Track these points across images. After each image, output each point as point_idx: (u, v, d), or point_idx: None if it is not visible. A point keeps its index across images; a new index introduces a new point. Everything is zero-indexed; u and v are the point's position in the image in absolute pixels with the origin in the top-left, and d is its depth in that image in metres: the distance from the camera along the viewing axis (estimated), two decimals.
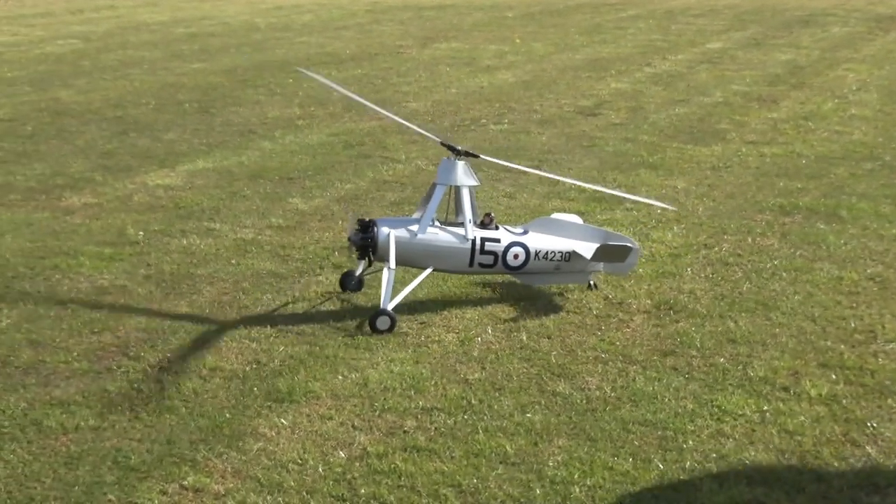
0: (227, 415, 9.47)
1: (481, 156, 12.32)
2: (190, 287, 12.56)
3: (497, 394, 9.90)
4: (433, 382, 10.12)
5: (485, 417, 9.44)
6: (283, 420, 9.37)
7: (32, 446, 8.91)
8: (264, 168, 18.19)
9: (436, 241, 11.65)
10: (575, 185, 14.58)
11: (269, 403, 9.69)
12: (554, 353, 10.80)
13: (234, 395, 9.86)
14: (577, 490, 8.28)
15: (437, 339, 11.16)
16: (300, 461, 8.70)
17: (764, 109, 23.49)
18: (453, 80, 27.16)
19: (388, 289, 11.23)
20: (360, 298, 12.17)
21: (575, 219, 12.87)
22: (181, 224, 14.90)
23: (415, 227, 11.60)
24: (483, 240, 11.73)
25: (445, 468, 8.59)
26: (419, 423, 9.36)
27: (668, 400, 9.78)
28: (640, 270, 13.03)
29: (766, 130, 21.35)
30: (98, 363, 10.53)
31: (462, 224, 11.71)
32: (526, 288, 12.46)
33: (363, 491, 8.26)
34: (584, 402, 9.74)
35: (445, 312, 11.85)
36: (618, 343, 11.05)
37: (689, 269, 13.19)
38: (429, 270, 11.79)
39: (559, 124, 21.86)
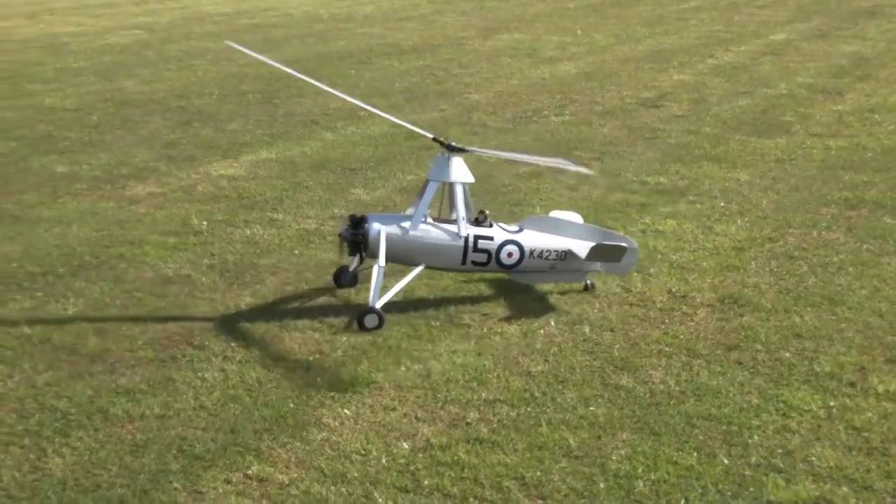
0: (291, 404, 9.50)
1: (470, 149, 12.05)
2: (253, 277, 12.61)
3: (560, 386, 9.86)
4: (496, 374, 10.10)
5: (548, 410, 9.42)
6: (346, 410, 9.39)
7: (99, 434, 8.99)
8: (327, 159, 18.22)
9: (427, 238, 11.47)
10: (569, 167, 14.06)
11: (332, 394, 9.71)
12: (617, 346, 10.74)
13: (297, 384, 9.89)
14: (641, 484, 8.23)
15: (499, 330, 11.13)
16: (363, 452, 8.72)
17: (829, 101, 23.19)
18: (515, 72, 27.04)
19: (378, 286, 11.09)
20: (422, 290, 12.14)
21: (575, 217, 12.67)
22: (244, 214, 14.96)
23: (406, 224, 11.43)
24: (476, 237, 11.53)
25: (508, 460, 8.57)
26: (482, 414, 9.34)
27: (733, 395, 9.70)
28: (704, 264, 12.94)
29: (830, 123, 21.08)
30: (163, 352, 10.60)
31: (455, 221, 11.56)
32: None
33: (426, 482, 8.26)
34: (648, 395, 9.68)
35: (507, 304, 11.82)
36: (681, 337, 10.97)
37: (753, 263, 13.06)
38: (420, 268, 11.60)
39: (621, 116, 21.72)
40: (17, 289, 12.18)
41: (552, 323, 11.32)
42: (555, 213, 12.78)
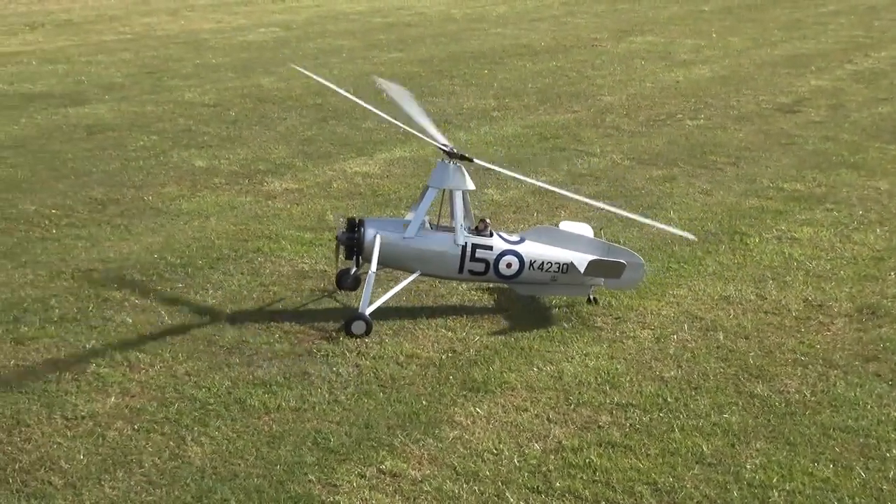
0: (424, 402, 9.57)
1: (475, 160, 11.66)
2: (387, 274, 12.67)
3: (693, 393, 9.78)
4: (628, 378, 10.05)
5: (681, 416, 9.34)
6: (478, 409, 9.42)
7: (237, 424, 9.15)
8: None
9: (424, 245, 11.29)
10: (575, 198, 13.26)
11: (464, 392, 9.76)
12: (752, 353, 10.61)
13: (430, 382, 9.96)
14: (776, 494, 8.13)
15: (631, 334, 11.08)
16: (495, 451, 8.74)
17: None
18: (648, 74, 26.86)
19: (368, 292, 10.95)
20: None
21: (585, 229, 12.26)
22: (379, 211, 15.06)
23: (403, 230, 11.27)
24: (475, 246, 11.29)
25: (641, 465, 8.53)
26: (614, 418, 9.30)
27: (871, 407, 9.52)
28: (841, 273, 12.72)
29: None
30: (299, 345, 10.73)
31: (452, 229, 11.34)
32: (724, 287, 12.29)
33: (558, 484, 8.26)
34: (783, 405, 9.55)
35: (641, 308, 11.75)
36: (818, 346, 10.79)
37: (892, 274, 12.80)
38: (416, 274, 11.44)
39: (757, 121, 21.44)
40: (158, 279, 12.45)
41: (685, 328, 11.22)
42: (564, 224, 12.41)
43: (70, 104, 22.59)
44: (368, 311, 10.94)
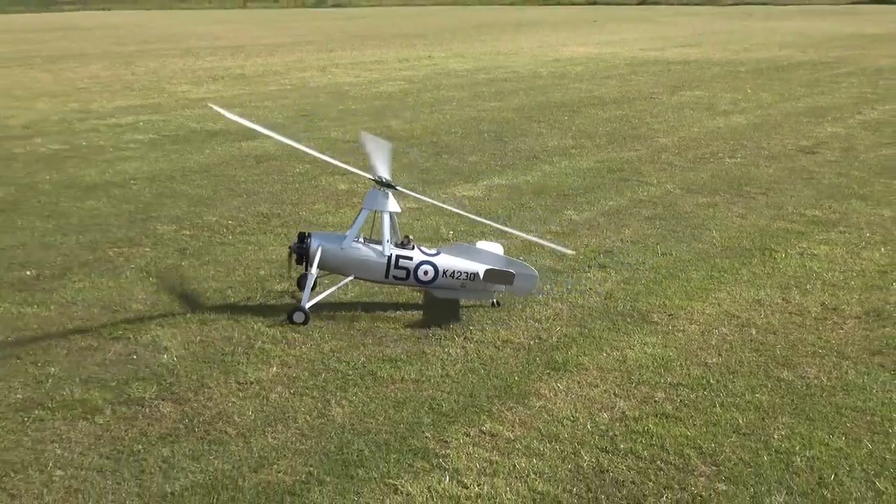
0: (516, 377, 9.52)
1: (399, 187, 11.44)
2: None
3: (731, 376, 9.59)
4: (678, 363, 9.90)
5: (721, 394, 9.17)
6: (558, 385, 9.36)
7: (369, 391, 9.20)
8: (545, 186, 18.20)
9: (357, 255, 11.15)
10: (474, 219, 13.10)
11: (548, 371, 9.69)
12: (778, 346, 10.38)
13: (520, 362, 9.91)
14: (799, 460, 7.94)
15: (681, 328, 10.91)
16: (572, 418, 8.67)
17: None
18: (695, 121, 26.51)
19: (308, 290, 10.95)
20: (619, 293, 12.01)
21: (496, 247, 11.99)
22: (481, 227, 15.02)
23: (341, 242, 11.16)
24: (398, 257, 11.17)
25: (688, 433, 8.40)
26: (667, 395, 9.17)
27: (876, 391, 9.25)
28: (852, 283, 12.42)
29: None
30: (418, 331, 10.76)
31: (380, 242, 11.22)
32: (756, 292, 12.08)
33: (622, 446, 8.17)
34: (805, 388, 9.33)
35: (689, 308, 11.56)
36: (833, 341, 10.52)
37: (894, 284, 12.45)
38: (350, 278, 11.33)
39: (783, 160, 21.01)
40: None
41: (725, 325, 11.02)
42: (480, 244, 12.17)
43: (243, 139, 22.94)
44: (308, 305, 10.90)
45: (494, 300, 11.57)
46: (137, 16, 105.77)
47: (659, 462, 7.92)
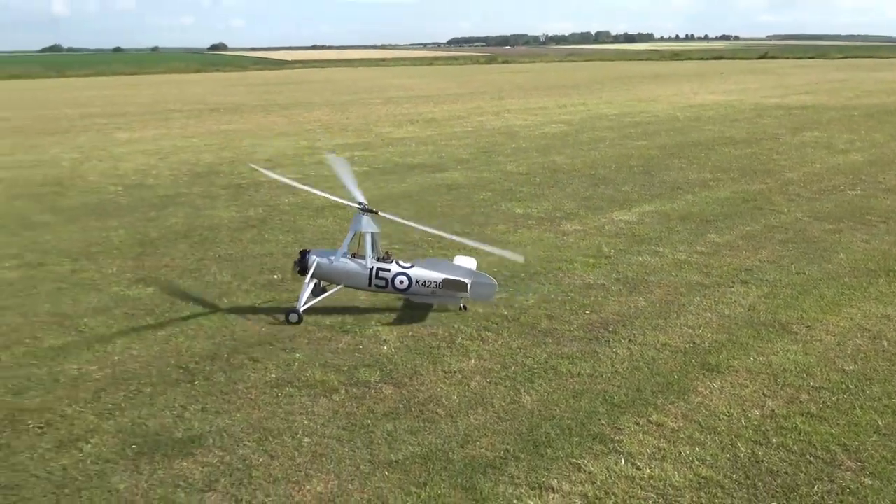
0: (675, 376, 9.14)
1: (380, 212, 11.26)
2: (645, 288, 12.30)
3: (868, 382, 8.94)
4: (819, 369, 9.30)
5: (860, 398, 8.56)
6: (713, 384, 8.92)
7: (552, 383, 9.00)
8: (689, 213, 17.57)
9: (345, 267, 11.16)
10: (439, 234, 12.27)
11: (703, 372, 9.25)
12: None
13: (678, 363, 9.51)
14: None
15: (819, 338, 10.25)
16: (727, 414, 8.24)
17: None
18: (817, 158, 25.13)
19: (303, 295, 10.96)
20: (762, 305, 11.40)
21: (470, 262, 11.84)
22: (637, 246, 14.66)
23: (332, 257, 11.19)
24: (378, 269, 11.11)
25: (833, 431, 7.85)
26: (811, 397, 8.61)
27: None
28: None
29: None
30: (588, 333, 10.49)
31: (364, 257, 11.17)
32: (884, 308, 11.26)
33: (774, 440, 7.70)
34: None
35: (825, 321, 10.87)
36: None
37: None
38: (340, 286, 11.38)
39: None
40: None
41: (859, 336, 10.31)
42: (457, 259, 12.03)
43: (436, 171, 23.10)
44: (302, 308, 10.93)
45: (462, 305, 11.40)
46: (350, 72, 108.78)
47: (808, 456, 7.44)
